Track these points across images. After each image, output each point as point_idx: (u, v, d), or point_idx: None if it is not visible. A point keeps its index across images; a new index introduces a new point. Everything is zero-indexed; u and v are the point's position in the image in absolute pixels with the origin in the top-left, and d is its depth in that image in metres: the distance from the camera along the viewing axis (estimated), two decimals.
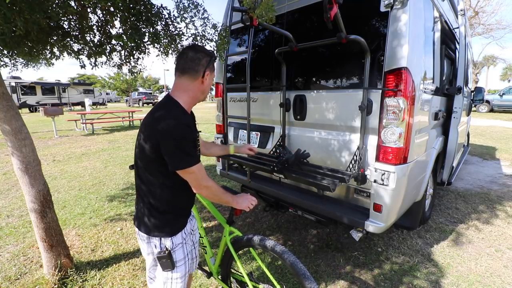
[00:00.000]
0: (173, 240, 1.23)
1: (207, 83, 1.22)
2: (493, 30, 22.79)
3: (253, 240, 1.45)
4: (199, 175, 1.14)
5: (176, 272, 1.26)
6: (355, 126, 2.00)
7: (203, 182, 1.16)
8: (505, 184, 4.19)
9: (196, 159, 1.14)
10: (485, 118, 13.20)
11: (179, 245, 1.26)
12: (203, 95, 1.25)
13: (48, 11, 1.47)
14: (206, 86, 1.23)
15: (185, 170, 1.11)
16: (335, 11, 1.47)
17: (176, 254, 1.25)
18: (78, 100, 25.08)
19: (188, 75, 1.18)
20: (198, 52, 1.18)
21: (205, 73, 1.18)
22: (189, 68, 1.17)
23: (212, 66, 1.22)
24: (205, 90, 1.24)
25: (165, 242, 1.22)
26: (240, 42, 2.90)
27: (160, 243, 1.22)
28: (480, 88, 4.81)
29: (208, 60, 1.19)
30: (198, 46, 1.26)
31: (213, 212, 1.69)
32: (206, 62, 1.18)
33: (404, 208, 2.10)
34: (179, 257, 1.26)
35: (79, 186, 4.23)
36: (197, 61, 1.17)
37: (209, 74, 1.21)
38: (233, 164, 2.99)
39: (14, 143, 1.82)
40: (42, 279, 2.09)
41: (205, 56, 1.19)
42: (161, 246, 1.22)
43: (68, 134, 9.40)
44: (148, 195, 1.21)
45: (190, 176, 1.14)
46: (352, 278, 2.13)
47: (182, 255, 1.27)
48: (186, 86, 1.19)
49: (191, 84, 1.19)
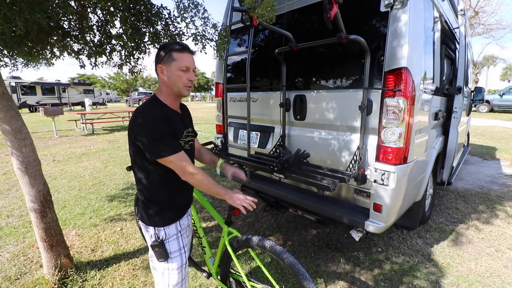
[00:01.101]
0: (166, 231, 1.29)
1: (166, 76, 1.21)
2: (493, 30, 22.79)
3: (251, 241, 1.45)
4: (180, 163, 1.18)
5: (172, 263, 1.30)
6: (355, 126, 2.00)
7: (186, 169, 1.19)
8: (505, 184, 4.19)
9: (173, 149, 1.17)
10: (485, 118, 13.20)
11: (173, 236, 1.31)
12: (172, 89, 1.23)
13: (48, 11, 1.47)
14: (169, 79, 1.21)
15: (163, 160, 1.16)
16: (335, 11, 1.47)
17: (170, 245, 1.30)
18: (78, 100, 25.08)
19: (156, 74, 1.26)
20: (158, 50, 1.24)
21: (158, 67, 1.22)
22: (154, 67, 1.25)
23: (166, 58, 1.20)
24: (170, 84, 1.22)
25: (158, 231, 1.28)
26: (240, 42, 2.90)
27: (155, 232, 1.28)
28: (480, 88, 4.81)
29: (161, 54, 1.21)
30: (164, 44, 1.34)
31: (211, 212, 1.69)
32: (159, 57, 1.21)
33: (404, 208, 2.10)
34: (173, 248, 1.31)
35: (79, 186, 4.23)
36: (155, 58, 1.24)
37: (163, 67, 1.20)
38: (233, 164, 2.98)
39: (14, 143, 1.82)
40: (42, 279, 2.09)
41: (160, 50, 1.22)
42: (155, 235, 1.28)
43: (68, 134, 9.40)
44: (142, 187, 1.28)
45: (171, 165, 1.19)
46: (352, 278, 2.13)
47: (176, 246, 1.32)
48: (159, 84, 1.27)
49: (159, 82, 1.26)
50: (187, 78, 1.22)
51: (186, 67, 1.21)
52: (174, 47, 1.20)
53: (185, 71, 1.21)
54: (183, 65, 1.20)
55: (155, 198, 1.29)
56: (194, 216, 1.77)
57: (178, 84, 1.22)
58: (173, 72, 1.20)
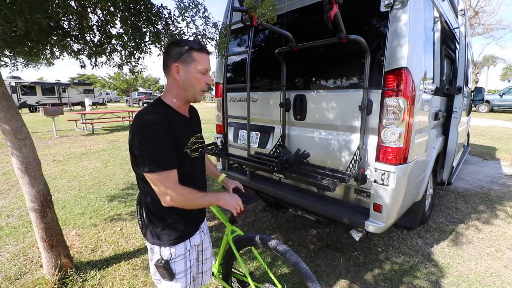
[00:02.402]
0: (172, 251, 1.14)
1: (182, 77, 1.06)
2: (493, 30, 22.79)
3: (255, 239, 1.45)
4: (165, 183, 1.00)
5: (176, 283, 1.17)
6: (355, 126, 2.00)
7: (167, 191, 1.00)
8: (505, 184, 4.19)
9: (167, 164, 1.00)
10: (485, 118, 13.20)
11: (180, 256, 1.16)
12: (187, 92, 1.09)
13: (48, 11, 1.47)
14: (184, 81, 1.07)
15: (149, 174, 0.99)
16: (335, 11, 1.47)
17: (176, 266, 1.15)
18: (78, 100, 25.08)
19: (165, 72, 1.10)
20: (171, 46, 1.08)
21: (174, 65, 1.05)
22: (164, 64, 1.09)
23: (185, 57, 1.05)
24: (184, 86, 1.08)
25: (163, 251, 1.13)
26: (240, 42, 2.90)
27: (160, 252, 1.14)
28: (480, 88, 4.81)
29: (178, 51, 1.05)
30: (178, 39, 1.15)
31: (215, 210, 1.69)
32: (176, 54, 1.05)
33: (404, 208, 2.10)
34: (179, 269, 1.16)
35: (79, 186, 4.23)
36: (167, 55, 1.07)
37: (181, 66, 1.05)
38: (233, 164, 2.99)
39: (14, 143, 1.82)
40: (42, 279, 2.09)
41: (175, 47, 1.06)
42: (160, 254, 1.14)
43: (68, 134, 9.40)
44: (146, 201, 1.14)
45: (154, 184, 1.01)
46: (352, 278, 2.13)
47: (183, 267, 1.17)
48: (168, 84, 1.11)
49: (169, 81, 1.10)
50: (205, 81, 1.10)
51: (206, 69, 1.09)
52: (194, 45, 1.06)
53: (204, 74, 1.09)
54: (204, 67, 1.08)
55: (162, 214, 1.12)
56: None
57: (195, 88, 1.09)
58: (192, 74, 1.07)
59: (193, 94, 1.11)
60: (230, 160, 2.40)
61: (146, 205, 1.16)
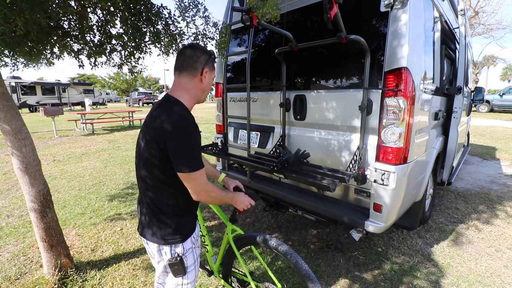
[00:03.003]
0: (184, 246, 1.19)
1: (206, 81, 1.19)
2: (493, 30, 22.78)
3: (256, 238, 1.45)
4: (201, 180, 1.11)
5: (187, 278, 1.23)
6: (355, 126, 2.00)
7: (204, 187, 1.12)
8: (505, 184, 4.19)
9: (202, 163, 1.10)
10: (485, 118, 13.20)
11: (190, 250, 1.22)
12: (204, 94, 1.22)
13: (48, 11, 1.47)
14: (206, 85, 1.20)
15: (190, 174, 1.07)
16: (335, 11, 1.47)
17: (188, 259, 1.21)
18: (78, 100, 25.08)
19: (187, 72, 1.15)
20: (197, 50, 1.17)
21: (203, 70, 1.16)
22: (188, 65, 1.14)
23: (211, 65, 1.20)
24: (205, 89, 1.21)
25: (176, 248, 1.18)
26: (240, 42, 2.90)
27: (171, 250, 1.17)
28: (480, 88, 4.81)
29: (207, 57, 1.17)
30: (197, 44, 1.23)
31: (215, 210, 1.69)
32: (205, 60, 1.16)
33: (404, 208, 2.10)
34: (190, 262, 1.23)
35: (79, 186, 4.23)
36: (195, 58, 1.15)
37: (208, 71, 1.18)
38: (233, 164, 2.99)
39: (14, 143, 1.82)
40: (42, 279, 2.09)
41: (203, 53, 1.17)
42: (171, 253, 1.18)
43: (68, 134, 9.40)
44: (156, 201, 1.15)
45: (192, 182, 1.09)
46: (352, 278, 2.13)
47: (192, 260, 1.24)
48: (186, 85, 1.16)
49: (191, 82, 1.16)
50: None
51: None
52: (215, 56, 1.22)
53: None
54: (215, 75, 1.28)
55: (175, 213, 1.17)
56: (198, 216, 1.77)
57: (207, 93, 1.24)
58: (211, 80, 1.22)
59: (205, 97, 1.26)
60: (230, 160, 2.39)
61: (158, 207, 1.16)
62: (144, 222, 1.20)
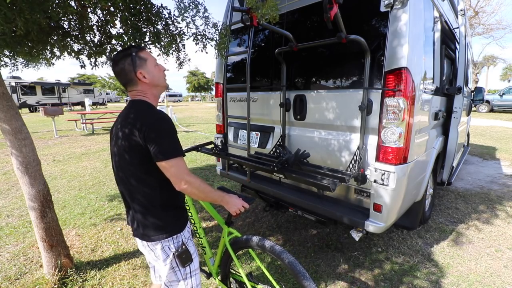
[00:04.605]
0: (184, 234, 1.23)
1: (149, 76, 1.14)
2: (493, 30, 22.77)
3: (251, 241, 1.45)
4: (182, 168, 1.09)
5: (193, 264, 1.27)
6: (355, 126, 2.00)
7: (185, 176, 1.09)
8: (505, 184, 4.19)
9: (182, 150, 1.11)
10: (485, 118, 13.20)
11: (189, 237, 1.27)
12: (158, 86, 1.19)
13: (48, 11, 1.47)
14: (151, 79, 1.15)
15: (170, 161, 1.06)
16: (335, 11, 1.47)
17: (190, 247, 1.26)
18: (78, 100, 25.12)
19: (129, 85, 1.15)
20: (118, 63, 1.13)
21: (137, 74, 1.12)
22: (125, 80, 1.14)
23: (139, 61, 1.13)
24: (155, 82, 1.17)
25: (178, 239, 1.21)
26: (240, 42, 2.90)
27: (174, 243, 1.19)
28: (480, 88, 4.81)
29: (129, 61, 1.12)
30: (115, 55, 1.18)
31: (211, 212, 1.69)
32: (129, 65, 1.12)
33: (404, 208, 2.10)
34: (192, 249, 1.27)
35: (79, 186, 4.23)
36: (122, 72, 1.13)
37: (142, 71, 1.13)
38: (233, 164, 2.99)
39: (14, 143, 1.82)
40: (42, 279, 2.09)
41: (124, 60, 1.12)
42: (176, 245, 1.20)
43: (68, 134, 9.40)
44: (146, 200, 1.15)
45: (173, 169, 1.08)
46: (352, 278, 2.13)
47: (193, 247, 1.29)
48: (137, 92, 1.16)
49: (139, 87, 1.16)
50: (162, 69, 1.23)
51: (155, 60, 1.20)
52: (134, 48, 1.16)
53: (157, 64, 1.21)
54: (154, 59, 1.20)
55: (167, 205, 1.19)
56: (194, 216, 1.77)
57: (161, 81, 1.21)
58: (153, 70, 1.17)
59: (162, 84, 1.22)
60: (230, 160, 2.39)
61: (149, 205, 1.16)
62: (139, 225, 1.18)
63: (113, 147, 1.19)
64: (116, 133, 1.16)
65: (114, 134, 1.17)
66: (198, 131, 9.60)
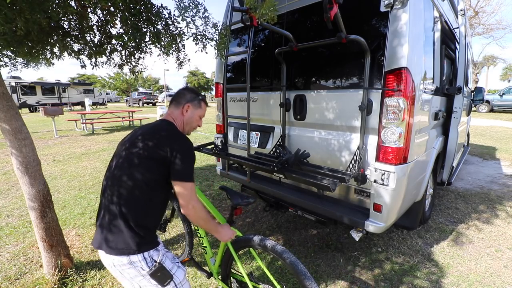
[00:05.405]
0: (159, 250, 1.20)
1: (188, 115, 1.40)
2: (493, 30, 22.78)
3: (253, 240, 1.45)
4: (194, 193, 1.24)
5: (177, 277, 1.22)
6: (355, 126, 2.00)
7: (192, 200, 1.23)
8: (505, 184, 4.19)
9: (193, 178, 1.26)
10: (485, 118, 13.20)
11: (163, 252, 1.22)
12: (187, 127, 1.43)
13: (48, 11, 1.47)
14: (188, 118, 1.41)
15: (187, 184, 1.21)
16: (335, 11, 1.47)
17: (166, 263, 1.20)
18: (78, 100, 25.07)
19: (173, 105, 1.42)
20: (186, 90, 1.46)
21: (185, 105, 1.40)
22: (175, 100, 1.43)
23: (196, 103, 1.42)
24: (188, 122, 1.42)
25: (151, 256, 1.16)
26: (240, 42, 2.90)
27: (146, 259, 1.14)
28: (480, 88, 4.81)
29: (192, 96, 1.43)
30: (191, 88, 1.51)
31: (213, 212, 1.69)
32: (190, 98, 1.42)
33: (404, 208, 2.10)
34: (169, 264, 1.21)
35: (79, 186, 4.23)
36: (182, 96, 1.43)
37: (190, 107, 1.40)
38: (233, 164, 2.99)
39: (14, 143, 1.82)
40: (42, 279, 2.09)
41: (191, 93, 1.44)
42: (148, 261, 1.15)
43: (68, 134, 9.40)
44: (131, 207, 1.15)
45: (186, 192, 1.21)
46: (352, 278, 2.13)
47: (170, 262, 1.23)
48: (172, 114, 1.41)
49: (175, 112, 1.40)
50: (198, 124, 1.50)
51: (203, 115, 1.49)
52: (204, 99, 1.48)
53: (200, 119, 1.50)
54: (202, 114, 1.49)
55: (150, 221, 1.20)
56: None
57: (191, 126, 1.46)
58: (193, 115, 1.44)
59: (188, 130, 1.46)
60: (230, 160, 2.39)
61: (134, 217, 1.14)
62: (109, 234, 1.13)
63: (122, 151, 1.26)
64: (133, 140, 1.25)
65: (130, 141, 1.26)
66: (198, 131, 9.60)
